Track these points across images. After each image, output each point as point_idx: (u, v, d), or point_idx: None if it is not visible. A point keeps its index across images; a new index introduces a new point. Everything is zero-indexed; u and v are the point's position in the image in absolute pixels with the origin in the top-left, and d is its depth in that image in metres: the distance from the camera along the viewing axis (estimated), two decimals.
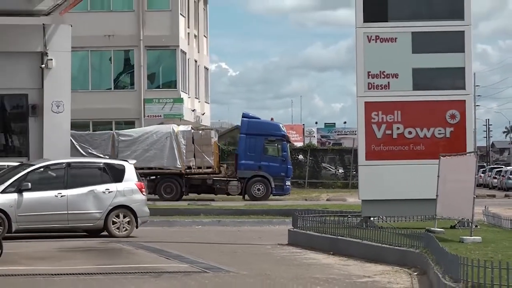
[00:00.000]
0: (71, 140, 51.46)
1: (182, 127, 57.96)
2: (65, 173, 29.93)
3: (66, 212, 29.26)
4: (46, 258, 23.52)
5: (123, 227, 29.93)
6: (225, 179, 59.83)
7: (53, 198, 29.35)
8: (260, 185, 55.30)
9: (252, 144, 56.11)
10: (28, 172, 30.32)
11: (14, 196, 29.12)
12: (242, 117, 60.92)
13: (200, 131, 58.10)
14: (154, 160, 55.01)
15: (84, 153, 53.26)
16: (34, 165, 32.14)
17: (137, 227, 30.29)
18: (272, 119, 71.11)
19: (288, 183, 61.49)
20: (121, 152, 54.08)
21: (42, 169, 30.99)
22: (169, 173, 55.08)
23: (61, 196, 29.35)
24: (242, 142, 59.66)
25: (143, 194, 31.16)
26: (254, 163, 55.98)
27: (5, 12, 35.52)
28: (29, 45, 36.55)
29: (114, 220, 29.84)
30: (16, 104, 37.22)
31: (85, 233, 31.43)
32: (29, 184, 29.48)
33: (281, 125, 64.84)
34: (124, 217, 29.96)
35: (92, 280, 19.31)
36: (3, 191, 29.34)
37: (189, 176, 56.40)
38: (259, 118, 57.82)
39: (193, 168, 55.68)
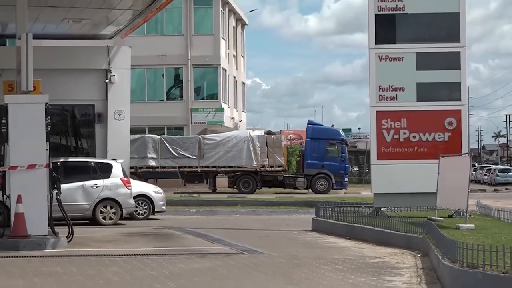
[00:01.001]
0: (164, 143, 54.34)
1: (257, 132, 58.56)
2: (60, 171, 29.76)
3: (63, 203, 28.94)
4: (111, 242, 23.67)
5: (109, 217, 29.96)
6: (293, 175, 59.96)
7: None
8: (323, 181, 55.16)
9: (316, 146, 55.98)
10: None
11: None
12: (308, 124, 60.98)
13: (272, 136, 58.41)
14: (234, 160, 54.91)
15: (176, 154, 54.07)
16: None
17: (122, 217, 30.26)
18: (332, 125, 71.06)
19: (346, 179, 61.59)
20: (206, 153, 54.37)
21: None
22: (246, 171, 54.99)
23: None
24: (308, 145, 59.59)
25: (128, 189, 30.81)
26: (318, 162, 55.83)
27: (77, 36, 35.72)
28: (96, 63, 36.59)
29: (102, 210, 29.85)
30: (85, 112, 37.22)
31: (138, 220, 31.84)
32: None
33: (340, 130, 65.45)
34: (111, 208, 29.92)
35: (149, 260, 19.44)
36: None
37: (263, 173, 56.30)
38: (322, 125, 57.86)
39: (267, 167, 55.64)
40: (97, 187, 30.10)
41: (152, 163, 54.26)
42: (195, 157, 54.10)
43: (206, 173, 56.28)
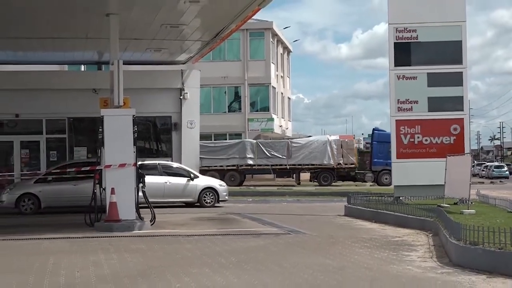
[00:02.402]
0: (260, 146, 54.35)
1: (333, 137, 58.41)
2: (77, 169, 29.84)
3: (76, 195, 28.75)
4: (184, 225, 23.73)
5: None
6: (363, 171, 59.87)
7: (70, 187, 29.48)
8: (387, 176, 54.82)
9: (381, 148, 55.37)
10: (55, 168, 30.79)
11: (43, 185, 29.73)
12: (374, 130, 60.46)
13: (346, 140, 58.22)
14: (316, 159, 54.71)
15: (269, 154, 53.93)
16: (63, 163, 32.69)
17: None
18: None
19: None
20: (293, 153, 54.19)
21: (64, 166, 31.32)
22: (325, 168, 54.64)
23: (75, 185, 29.34)
24: (375, 147, 58.45)
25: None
26: (383, 161, 55.27)
27: (158, 62, 35.95)
28: (172, 83, 36.70)
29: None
30: (164, 122, 37.35)
31: (206, 207, 31.57)
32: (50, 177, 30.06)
33: None
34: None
35: (215, 239, 19.48)
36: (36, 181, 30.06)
37: (338, 169, 55.94)
38: (385, 131, 57.72)
39: (341, 164, 55.36)
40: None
41: (250, 162, 54.17)
42: (284, 157, 54.01)
43: (293, 170, 55.82)
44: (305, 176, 58.68)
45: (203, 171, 51.45)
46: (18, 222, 25.00)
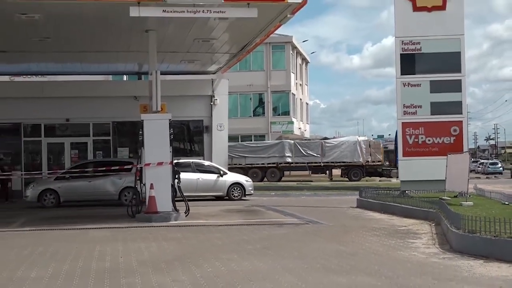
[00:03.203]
0: (297, 145, 54.08)
1: (362, 138, 58.51)
2: (93, 167, 29.98)
3: (90, 190, 29.13)
4: (214, 216, 23.73)
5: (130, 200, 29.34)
6: (389, 168, 59.71)
7: (86, 183, 29.42)
8: None
9: None
10: (73, 167, 30.81)
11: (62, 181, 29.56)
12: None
13: (374, 140, 58.28)
14: (347, 157, 54.23)
15: (305, 153, 53.60)
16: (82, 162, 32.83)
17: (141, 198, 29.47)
18: None
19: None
20: (326, 152, 53.85)
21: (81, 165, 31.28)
22: (355, 165, 54.13)
23: (90, 181, 29.39)
24: (399, 146, 58.18)
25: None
26: None
27: (191, 72, 36.01)
28: (204, 91, 36.75)
29: (126, 196, 28.75)
30: (196, 125, 37.38)
31: (234, 200, 31.55)
32: (68, 175, 29.76)
33: None
34: (131, 193, 28.72)
35: (242, 228, 19.48)
36: (56, 178, 29.91)
37: (366, 166, 55.47)
38: None
39: (369, 162, 54.93)
40: (120, 179, 29.23)
41: (288, 160, 53.87)
42: (318, 155, 53.67)
43: (326, 167, 55.38)
44: (337, 172, 58.26)
45: (247, 169, 52.17)
46: (61, 214, 25.02)
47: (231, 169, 49.84)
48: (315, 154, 53.66)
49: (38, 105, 35.37)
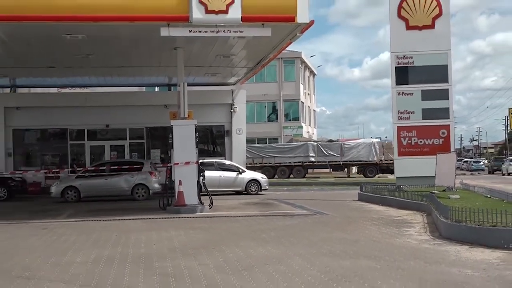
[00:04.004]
0: (319, 146, 53.62)
1: (375, 140, 58.27)
2: (108, 167, 29.71)
3: (106, 187, 28.93)
4: (234, 208, 23.71)
5: (141, 194, 29.07)
6: None
7: (102, 181, 29.17)
8: None
9: None
10: (95, 165, 30.75)
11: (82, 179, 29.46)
12: None
13: (386, 142, 57.62)
14: (363, 157, 53.50)
15: (326, 153, 53.04)
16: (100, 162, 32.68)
17: (149, 194, 29.07)
18: None
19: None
20: (345, 152, 53.22)
21: (98, 165, 31.09)
22: (370, 163, 53.32)
23: (106, 179, 29.08)
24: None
25: (154, 177, 29.42)
26: None
27: (213, 84, 36.01)
28: (225, 100, 36.74)
29: (137, 191, 29.02)
30: (218, 130, 37.38)
31: (251, 195, 31.39)
32: (87, 174, 29.70)
33: None
34: (142, 189, 29.02)
35: (258, 219, 19.49)
36: (77, 177, 29.68)
37: (380, 165, 54.48)
38: None
39: (383, 161, 54.07)
40: (132, 177, 29.06)
41: (312, 159, 53.25)
42: (338, 155, 53.05)
43: (344, 165, 54.60)
44: (354, 170, 57.74)
45: (276, 167, 52.49)
46: (101, 207, 25.05)
47: (262, 167, 50.64)
48: (335, 154, 53.16)
49: (82, 113, 35.60)
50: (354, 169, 57.03)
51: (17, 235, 16.39)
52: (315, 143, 55.20)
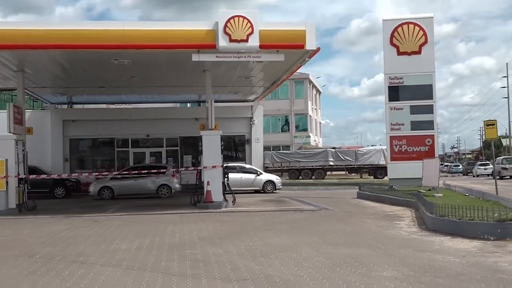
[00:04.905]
0: (337, 152, 52.94)
1: (384, 147, 57.42)
2: (138, 170, 28.68)
3: (136, 187, 29.00)
4: (253, 204, 23.68)
5: (165, 193, 28.98)
6: None
7: (132, 182, 28.96)
8: None
9: None
10: (123, 170, 29.99)
11: (115, 180, 29.13)
12: None
13: None
14: (374, 161, 52.07)
15: (342, 158, 52.16)
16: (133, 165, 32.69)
17: (171, 192, 28.98)
18: None
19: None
20: (359, 157, 52.15)
21: (130, 168, 30.59)
22: (380, 167, 51.47)
23: (136, 180, 28.82)
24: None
25: (175, 179, 29.34)
26: None
27: (236, 100, 36.08)
28: (245, 114, 36.71)
29: (161, 190, 28.97)
30: (240, 139, 37.30)
31: (267, 193, 31.24)
32: (120, 176, 29.00)
33: None
34: (165, 189, 28.92)
35: (274, 213, 19.50)
36: (111, 178, 29.26)
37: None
38: None
39: None
40: (158, 178, 28.89)
41: (331, 163, 52.28)
42: (353, 160, 51.99)
43: (358, 168, 53.35)
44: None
45: (301, 169, 52.00)
46: (142, 204, 25.13)
47: (289, 170, 50.86)
48: (350, 159, 52.30)
49: (126, 125, 35.80)
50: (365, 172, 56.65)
51: (73, 227, 16.49)
52: (334, 150, 54.44)
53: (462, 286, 8.13)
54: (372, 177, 52.60)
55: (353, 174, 55.46)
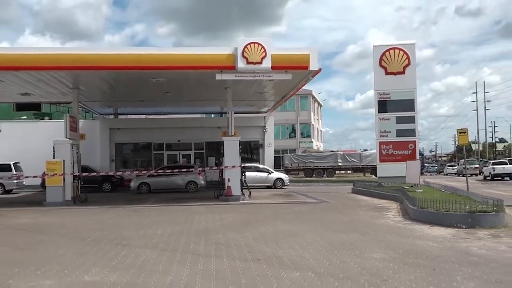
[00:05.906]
0: (344, 155, 51.89)
1: None
2: (170, 169, 28.95)
3: (168, 183, 28.66)
4: (266, 197, 23.59)
5: (192, 188, 28.69)
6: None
7: (165, 179, 28.72)
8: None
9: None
10: (158, 168, 29.66)
11: (152, 177, 28.79)
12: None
13: None
14: (375, 162, 51.23)
15: (349, 160, 51.20)
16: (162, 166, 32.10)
17: (197, 188, 28.74)
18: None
19: (423, 170, 59.95)
20: (363, 159, 51.08)
21: (164, 167, 30.43)
22: None
23: (168, 177, 28.65)
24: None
25: (201, 176, 29.07)
26: None
27: (251, 111, 36.07)
28: (259, 123, 36.71)
29: (189, 186, 28.67)
30: (255, 144, 37.23)
31: (277, 189, 30.93)
32: (155, 173, 28.59)
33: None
34: (192, 184, 28.66)
35: (283, 205, 19.41)
36: (148, 175, 28.79)
37: None
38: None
39: None
40: (187, 176, 28.84)
41: (339, 164, 51.37)
42: (357, 161, 51.11)
43: (362, 168, 52.15)
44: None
45: (314, 169, 51.16)
46: (174, 197, 25.07)
47: (304, 169, 50.41)
48: (355, 160, 51.50)
49: (162, 132, 35.94)
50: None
51: (118, 216, 16.57)
52: (342, 153, 53.70)
53: (440, 266, 8.10)
54: (373, 175, 52.25)
55: (357, 173, 55.05)
